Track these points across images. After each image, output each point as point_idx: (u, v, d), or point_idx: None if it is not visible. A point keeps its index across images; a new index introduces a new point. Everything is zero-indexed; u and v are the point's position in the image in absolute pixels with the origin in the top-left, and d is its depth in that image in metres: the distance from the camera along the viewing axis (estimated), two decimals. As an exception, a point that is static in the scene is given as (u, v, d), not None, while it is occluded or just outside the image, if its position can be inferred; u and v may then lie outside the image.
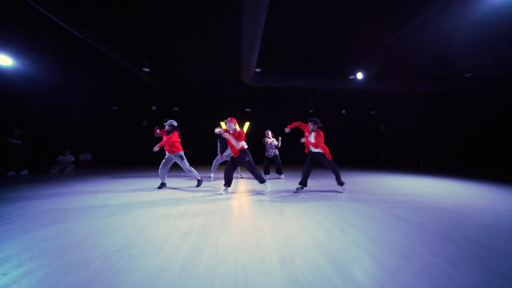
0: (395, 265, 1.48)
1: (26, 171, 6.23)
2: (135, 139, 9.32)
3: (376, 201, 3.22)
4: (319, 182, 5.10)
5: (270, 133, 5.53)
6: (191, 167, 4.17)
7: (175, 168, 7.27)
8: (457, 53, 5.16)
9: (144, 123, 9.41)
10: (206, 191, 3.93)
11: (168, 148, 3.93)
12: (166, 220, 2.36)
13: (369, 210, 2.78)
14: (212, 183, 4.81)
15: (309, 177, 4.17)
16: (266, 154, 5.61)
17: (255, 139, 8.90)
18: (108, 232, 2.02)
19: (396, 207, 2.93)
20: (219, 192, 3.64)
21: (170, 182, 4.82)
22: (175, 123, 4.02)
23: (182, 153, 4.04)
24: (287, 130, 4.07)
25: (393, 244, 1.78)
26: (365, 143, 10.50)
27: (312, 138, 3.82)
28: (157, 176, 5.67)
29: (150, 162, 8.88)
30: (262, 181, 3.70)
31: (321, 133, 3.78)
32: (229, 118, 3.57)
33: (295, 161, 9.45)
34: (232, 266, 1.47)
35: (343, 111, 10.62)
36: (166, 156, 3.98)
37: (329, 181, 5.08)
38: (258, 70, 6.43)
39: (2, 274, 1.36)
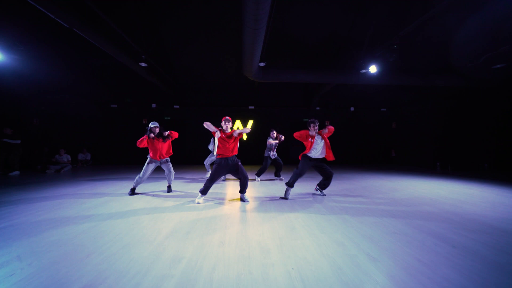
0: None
1: (17, 172, 5.96)
2: (135, 137, 9.02)
3: (402, 213, 2.76)
4: (330, 187, 4.65)
5: (275, 133, 5.08)
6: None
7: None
8: (485, 41, 4.59)
9: (144, 121, 9.09)
10: (206, 199, 3.54)
11: (165, 152, 3.59)
12: (153, 238, 1.97)
13: (396, 225, 2.34)
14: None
15: (318, 179, 3.78)
16: (270, 155, 5.17)
17: (260, 137, 8.46)
18: (79, 256, 1.64)
19: (428, 221, 2.48)
20: (196, 202, 3.11)
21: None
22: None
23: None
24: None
25: (445, 283, 1.34)
26: (375, 142, 9.96)
27: (320, 141, 3.40)
28: (155, 178, 5.32)
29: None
30: (244, 190, 3.22)
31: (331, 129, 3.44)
32: (228, 117, 3.14)
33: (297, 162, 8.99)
34: (230, 318, 1.06)
35: (352, 109, 10.08)
36: (151, 161, 3.57)
37: (341, 186, 4.62)
38: (262, 64, 5.98)
39: None
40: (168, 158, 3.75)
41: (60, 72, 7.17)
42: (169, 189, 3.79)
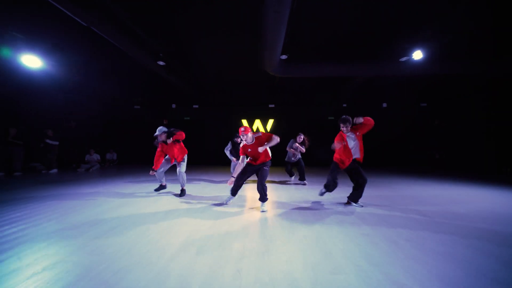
0: None
1: (55, 170, 6.41)
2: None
3: (488, 240, 2.06)
4: (365, 192, 3.97)
5: (303, 137, 4.59)
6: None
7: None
8: None
9: (165, 122, 9.21)
10: (218, 204, 3.18)
11: (176, 156, 3.40)
12: (157, 257, 1.64)
13: (487, 263, 1.67)
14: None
15: (349, 183, 3.23)
16: (292, 159, 4.70)
17: (281, 138, 7.95)
18: (69, 279, 1.36)
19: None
20: (224, 202, 3.04)
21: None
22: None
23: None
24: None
25: None
26: (413, 142, 8.73)
27: (352, 141, 2.88)
28: (171, 180, 5.19)
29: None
30: (265, 199, 2.83)
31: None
32: (244, 129, 2.73)
33: (323, 163, 8.25)
34: None
35: (384, 105, 8.99)
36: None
37: (379, 193, 3.91)
38: (284, 57, 5.49)
39: None
40: (182, 161, 3.51)
41: (89, 78, 7.53)
42: (182, 193, 3.52)
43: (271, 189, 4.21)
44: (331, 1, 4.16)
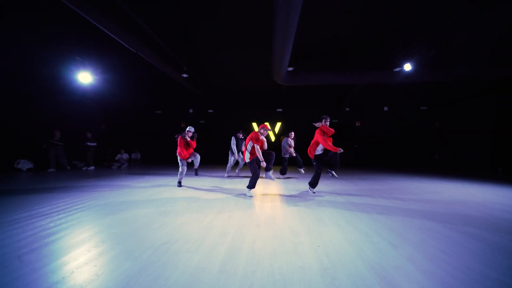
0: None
1: (92, 167, 7.50)
2: (175, 139, 10.20)
3: (436, 214, 2.75)
4: (358, 185, 4.68)
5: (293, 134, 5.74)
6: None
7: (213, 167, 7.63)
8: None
9: (182, 125, 10.21)
10: (235, 193, 4.00)
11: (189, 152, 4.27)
12: (202, 219, 2.46)
13: (425, 223, 2.39)
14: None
15: (348, 180, 3.89)
16: (288, 156, 5.52)
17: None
18: (153, 227, 2.21)
19: (466, 222, 2.45)
20: (247, 195, 3.59)
21: (204, 181, 5.09)
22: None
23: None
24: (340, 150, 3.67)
25: (468, 271, 1.46)
26: (414, 144, 9.21)
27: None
28: (189, 175, 6.07)
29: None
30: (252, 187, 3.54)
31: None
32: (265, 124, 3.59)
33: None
34: (270, 272, 1.42)
35: (385, 108, 9.54)
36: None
37: (371, 187, 4.61)
38: (290, 69, 6.27)
39: (86, 251, 1.62)
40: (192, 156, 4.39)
41: (123, 89, 8.65)
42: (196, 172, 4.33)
43: (282, 185, 4.98)
44: (332, 19, 4.92)
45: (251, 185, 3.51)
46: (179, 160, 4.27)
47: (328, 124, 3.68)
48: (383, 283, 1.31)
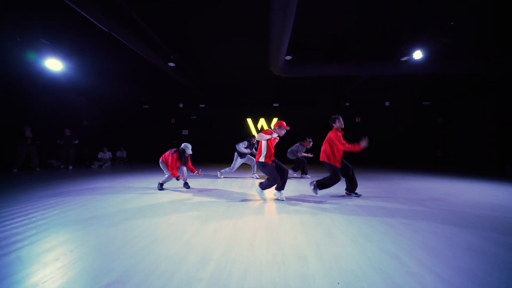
0: None
1: (71, 167, 6.78)
2: (165, 136, 9.52)
3: (469, 222, 2.26)
4: (365, 186, 4.19)
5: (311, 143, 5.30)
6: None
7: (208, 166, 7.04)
8: None
9: (172, 121, 9.53)
10: (227, 197, 3.44)
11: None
12: (181, 234, 1.89)
13: (469, 238, 1.87)
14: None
15: (355, 181, 3.41)
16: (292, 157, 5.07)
17: (285, 136, 8.19)
18: (111, 249, 1.63)
19: (504, 231, 1.96)
20: (279, 198, 3.09)
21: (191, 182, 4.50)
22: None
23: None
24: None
25: None
26: (415, 141, 8.83)
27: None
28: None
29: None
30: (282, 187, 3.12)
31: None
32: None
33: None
34: None
35: (387, 103, 9.12)
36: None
37: (375, 186, 4.12)
38: (288, 57, 5.71)
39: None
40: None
41: (102, 78, 7.88)
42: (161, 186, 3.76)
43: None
44: (334, 3, 4.37)
45: (265, 186, 3.04)
46: (166, 171, 3.68)
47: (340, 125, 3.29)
48: None
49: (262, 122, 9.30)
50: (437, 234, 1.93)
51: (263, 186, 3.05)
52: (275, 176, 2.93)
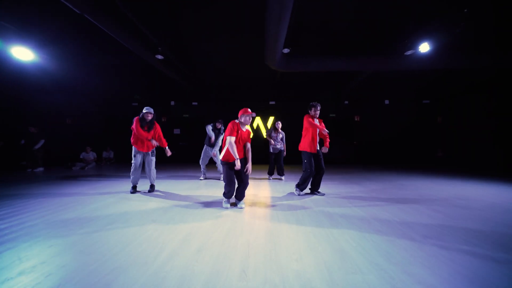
0: None
1: (41, 168, 6.15)
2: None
3: (503, 235, 1.93)
4: (366, 186, 3.84)
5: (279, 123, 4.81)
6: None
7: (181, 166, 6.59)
8: None
9: (163, 120, 9.03)
10: (214, 203, 3.04)
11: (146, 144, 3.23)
12: (153, 256, 1.48)
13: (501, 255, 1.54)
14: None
15: (354, 181, 3.11)
16: (275, 147, 4.71)
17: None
18: (51, 283, 1.21)
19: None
20: (223, 206, 2.66)
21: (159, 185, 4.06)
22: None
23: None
24: (325, 150, 3.22)
25: None
26: (415, 140, 8.61)
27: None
28: (172, 177, 5.02)
29: (168, 159, 8.48)
30: (243, 197, 2.69)
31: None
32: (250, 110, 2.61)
33: (328, 160, 8.12)
34: None
35: (386, 101, 8.87)
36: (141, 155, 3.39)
37: (380, 189, 3.78)
38: (286, 50, 5.33)
39: None
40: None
41: (85, 72, 7.32)
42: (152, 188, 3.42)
43: (274, 188, 4.07)
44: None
45: (226, 193, 2.59)
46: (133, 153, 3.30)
47: (314, 114, 3.15)
48: None
49: (257, 120, 8.91)
50: (480, 257, 1.58)
51: (225, 194, 2.62)
52: (229, 180, 2.50)
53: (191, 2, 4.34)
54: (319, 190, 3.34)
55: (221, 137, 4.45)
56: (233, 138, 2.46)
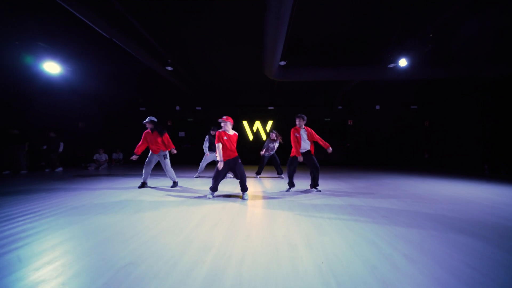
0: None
1: (61, 168, 6.75)
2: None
3: (444, 217, 2.52)
4: (353, 184, 4.45)
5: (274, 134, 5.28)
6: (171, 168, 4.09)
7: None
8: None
9: (169, 123, 9.63)
10: (222, 196, 3.62)
11: (155, 147, 3.82)
12: (182, 228, 2.07)
13: (436, 227, 2.14)
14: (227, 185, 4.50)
15: (343, 179, 3.67)
16: (267, 154, 5.28)
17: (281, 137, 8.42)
18: (123, 238, 1.80)
19: (475, 224, 2.23)
20: (207, 196, 3.26)
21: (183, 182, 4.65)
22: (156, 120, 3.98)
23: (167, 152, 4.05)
24: (300, 159, 3.64)
25: (501, 288, 1.19)
26: (404, 143, 9.24)
27: (305, 135, 3.67)
28: (187, 175, 5.59)
29: (173, 160, 9.06)
30: (246, 188, 3.27)
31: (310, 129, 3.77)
32: (225, 117, 3.14)
33: (324, 162, 8.70)
34: (263, 305, 1.07)
35: (377, 107, 9.51)
36: (149, 156, 4.00)
37: (364, 185, 4.39)
38: (282, 63, 5.96)
39: (46, 264, 1.18)
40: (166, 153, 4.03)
41: (99, 81, 7.94)
42: (174, 184, 4.06)
43: (271, 184, 4.64)
44: (326, 12, 4.67)
45: (211, 187, 3.24)
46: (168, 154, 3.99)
47: (299, 125, 3.70)
48: (411, 317, 1.00)
49: (257, 124, 9.53)
50: (415, 227, 2.18)
51: (210, 187, 3.25)
52: (215, 176, 3.12)
53: (196, 21, 4.97)
54: (317, 187, 3.80)
55: (206, 138, 5.19)
56: (220, 145, 3.06)
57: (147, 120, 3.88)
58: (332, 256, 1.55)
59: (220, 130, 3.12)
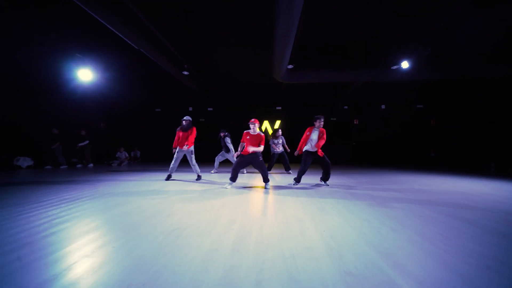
0: (474, 274, 1.27)
1: (91, 164, 7.46)
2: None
3: (432, 203, 2.87)
4: (356, 179, 4.79)
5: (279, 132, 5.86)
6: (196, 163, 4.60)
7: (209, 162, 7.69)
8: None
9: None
10: (239, 187, 4.07)
11: (185, 143, 4.32)
12: (209, 208, 2.54)
13: (423, 211, 2.50)
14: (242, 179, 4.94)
15: (347, 175, 4.02)
16: (276, 151, 5.77)
17: (287, 137, 8.81)
18: (162, 216, 2.28)
19: (461, 208, 2.57)
20: (224, 186, 3.78)
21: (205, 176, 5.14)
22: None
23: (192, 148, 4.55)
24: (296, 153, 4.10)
25: (465, 250, 1.56)
26: (410, 142, 9.39)
27: (315, 136, 3.91)
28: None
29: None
30: (267, 179, 3.77)
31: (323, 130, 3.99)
32: (253, 120, 3.69)
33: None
34: (280, 252, 1.50)
35: (383, 106, 9.71)
36: (178, 151, 4.47)
37: (366, 179, 4.73)
38: (290, 66, 6.36)
39: (102, 235, 1.68)
40: (192, 149, 4.53)
41: (120, 84, 8.62)
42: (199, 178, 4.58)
43: (282, 178, 5.07)
44: (332, 18, 5.02)
45: (231, 177, 3.73)
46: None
47: (318, 125, 3.98)
48: (386, 260, 1.40)
49: (265, 124, 9.95)
50: (404, 210, 2.55)
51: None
52: (234, 168, 3.66)
53: (209, 29, 5.44)
54: (326, 182, 4.07)
55: (227, 140, 5.76)
56: (242, 144, 3.72)
57: (187, 117, 4.47)
58: (332, 227, 1.96)
59: (246, 131, 3.73)
